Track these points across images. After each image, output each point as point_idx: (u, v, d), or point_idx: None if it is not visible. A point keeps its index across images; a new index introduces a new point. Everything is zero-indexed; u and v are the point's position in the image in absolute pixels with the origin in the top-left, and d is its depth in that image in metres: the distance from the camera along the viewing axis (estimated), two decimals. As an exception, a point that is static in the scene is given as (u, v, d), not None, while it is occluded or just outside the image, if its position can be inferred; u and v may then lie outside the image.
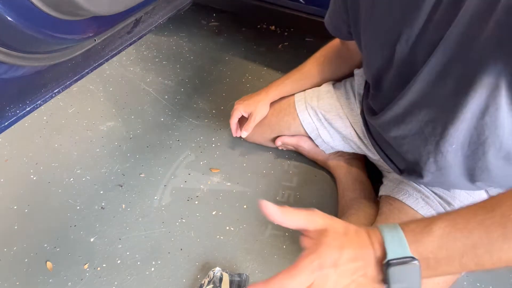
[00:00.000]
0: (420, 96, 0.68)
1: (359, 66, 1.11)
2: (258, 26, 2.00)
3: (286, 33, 1.95)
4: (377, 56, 0.75)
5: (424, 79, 0.65)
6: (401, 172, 0.90)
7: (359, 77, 1.10)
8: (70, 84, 0.97)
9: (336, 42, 1.11)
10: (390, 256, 0.45)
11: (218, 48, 1.85)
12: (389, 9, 0.67)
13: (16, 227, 1.09)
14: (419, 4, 0.60)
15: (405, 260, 0.44)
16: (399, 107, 0.74)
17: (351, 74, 1.14)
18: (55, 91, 0.93)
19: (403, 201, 0.88)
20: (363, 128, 1.04)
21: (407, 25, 0.64)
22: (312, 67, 1.14)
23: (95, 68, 1.03)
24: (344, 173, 1.17)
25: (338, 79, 1.16)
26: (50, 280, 0.98)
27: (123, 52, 1.77)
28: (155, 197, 1.18)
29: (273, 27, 2.00)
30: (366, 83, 1.05)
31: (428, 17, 0.60)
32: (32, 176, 1.24)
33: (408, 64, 0.68)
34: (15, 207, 1.15)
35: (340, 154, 1.21)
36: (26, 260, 1.02)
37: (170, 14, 1.33)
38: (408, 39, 0.65)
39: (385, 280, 0.46)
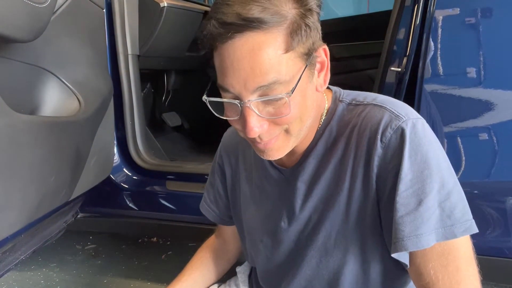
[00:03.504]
0: (313, 268, 0.72)
1: (235, 260, 1.13)
2: (139, 240, 1.98)
3: (168, 243, 1.95)
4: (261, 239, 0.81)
5: (312, 254, 0.71)
6: None
7: (242, 274, 1.12)
8: None
9: (208, 242, 1.13)
10: None
11: (95, 272, 1.71)
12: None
13: None
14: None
15: None
16: (298, 281, 0.76)
17: (233, 273, 1.15)
18: None
19: None
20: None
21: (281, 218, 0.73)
22: (191, 272, 1.11)
23: None
24: None
25: (220, 277, 1.14)
26: None
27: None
28: None
29: (154, 239, 2.00)
30: (250, 279, 1.06)
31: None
32: None
33: (293, 242, 0.74)
34: None
35: None
36: None
37: (36, 247, 1.24)
38: (286, 219, 0.73)
39: None
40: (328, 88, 0.70)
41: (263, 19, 0.51)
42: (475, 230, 0.58)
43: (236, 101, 0.55)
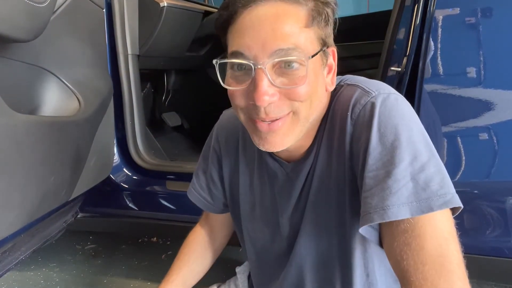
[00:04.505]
0: (308, 256, 0.72)
1: (221, 249, 1.09)
2: (139, 240, 1.98)
3: (168, 243, 1.95)
4: (262, 232, 0.80)
5: (305, 239, 0.71)
6: None
7: (241, 274, 1.12)
8: None
9: (194, 235, 1.04)
10: None
11: (95, 272, 1.71)
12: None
13: None
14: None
15: None
16: (291, 273, 0.76)
17: (233, 273, 1.15)
18: None
19: None
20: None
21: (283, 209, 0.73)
22: (180, 270, 0.99)
23: None
24: None
25: (209, 268, 1.10)
26: None
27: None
28: None
29: (155, 239, 2.00)
30: (249, 279, 1.06)
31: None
32: None
33: (290, 231, 0.74)
34: None
35: None
36: None
37: (36, 247, 1.24)
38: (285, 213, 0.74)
39: None
40: None
41: None
42: (458, 203, 0.53)
43: (251, 62, 0.55)
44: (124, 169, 1.62)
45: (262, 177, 0.77)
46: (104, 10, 1.37)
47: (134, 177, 1.62)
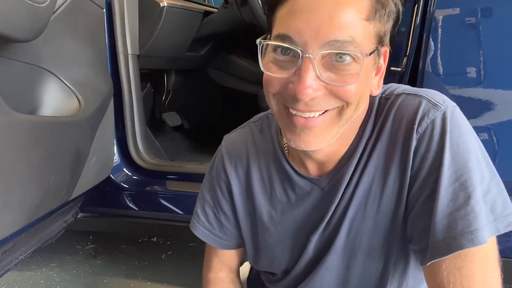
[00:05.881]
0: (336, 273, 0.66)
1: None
2: (139, 240, 1.98)
3: (168, 243, 1.95)
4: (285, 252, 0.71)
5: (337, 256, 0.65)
6: None
7: (241, 275, 1.11)
8: None
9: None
10: None
11: (95, 272, 1.71)
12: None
13: None
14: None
15: None
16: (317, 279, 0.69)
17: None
18: None
19: None
20: None
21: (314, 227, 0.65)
22: None
23: None
24: None
25: None
26: None
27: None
28: None
29: (154, 239, 2.00)
30: (248, 280, 1.02)
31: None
32: None
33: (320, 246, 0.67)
34: None
35: None
36: None
37: (36, 247, 1.24)
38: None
39: None
40: None
41: None
42: None
43: (299, 49, 0.48)
44: (124, 169, 1.62)
45: (288, 199, 0.68)
46: (104, 10, 1.37)
47: (134, 177, 1.62)
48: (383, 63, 0.56)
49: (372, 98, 0.61)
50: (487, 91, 1.09)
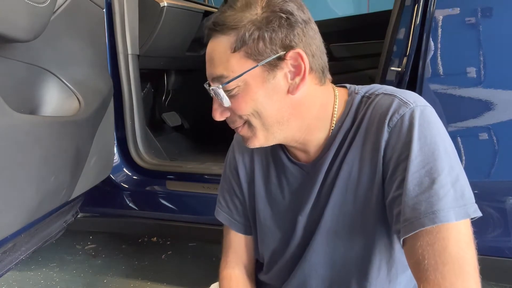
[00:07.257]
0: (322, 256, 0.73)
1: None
2: (139, 240, 1.98)
3: (168, 243, 1.95)
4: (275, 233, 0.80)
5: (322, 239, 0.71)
6: None
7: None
8: None
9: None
10: None
11: (95, 272, 1.71)
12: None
13: None
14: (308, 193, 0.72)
15: None
16: (303, 272, 0.76)
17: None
18: None
19: None
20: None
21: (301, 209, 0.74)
22: None
23: None
24: None
25: None
26: None
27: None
28: None
29: (154, 239, 2.00)
30: None
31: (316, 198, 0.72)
32: None
33: (305, 231, 0.74)
34: None
35: None
36: None
37: (36, 247, 1.24)
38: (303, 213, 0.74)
39: None
40: (344, 86, 0.74)
41: (225, 23, 0.61)
42: (480, 213, 0.59)
43: (209, 88, 0.65)
44: (124, 169, 1.62)
45: (281, 183, 0.78)
46: (104, 10, 1.37)
47: (134, 177, 1.62)
48: (301, 63, 0.62)
49: (353, 95, 0.71)
50: (487, 91, 1.09)
